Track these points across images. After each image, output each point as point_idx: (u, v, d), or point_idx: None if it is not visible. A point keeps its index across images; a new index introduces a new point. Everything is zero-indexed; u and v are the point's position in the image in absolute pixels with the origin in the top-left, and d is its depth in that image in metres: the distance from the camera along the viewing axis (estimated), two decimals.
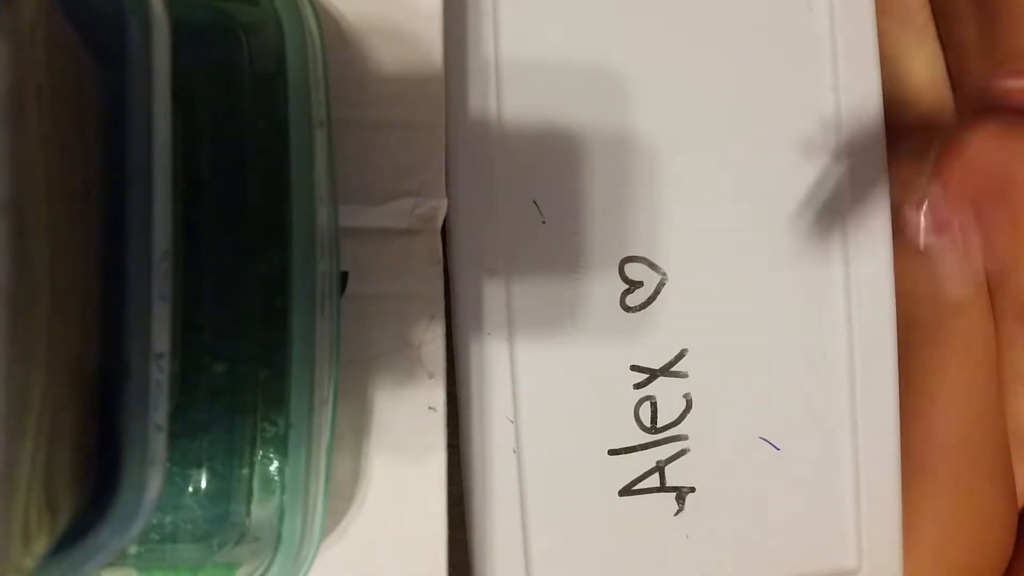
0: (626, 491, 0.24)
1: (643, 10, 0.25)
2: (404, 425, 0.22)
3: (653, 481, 0.25)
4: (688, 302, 0.25)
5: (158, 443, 0.13)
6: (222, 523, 0.20)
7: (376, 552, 0.22)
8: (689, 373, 0.25)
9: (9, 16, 0.11)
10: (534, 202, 0.24)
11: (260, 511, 0.20)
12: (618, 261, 0.25)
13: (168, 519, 0.20)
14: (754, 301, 0.25)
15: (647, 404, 0.25)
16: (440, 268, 0.23)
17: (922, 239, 0.20)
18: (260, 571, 0.19)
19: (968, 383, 0.28)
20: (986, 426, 0.28)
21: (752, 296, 0.25)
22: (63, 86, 0.13)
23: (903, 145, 0.29)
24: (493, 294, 0.24)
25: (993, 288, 0.29)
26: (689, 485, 0.25)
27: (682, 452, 0.25)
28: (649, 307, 0.25)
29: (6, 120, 0.11)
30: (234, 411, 0.20)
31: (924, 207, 0.20)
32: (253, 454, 0.20)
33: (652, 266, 0.25)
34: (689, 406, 0.25)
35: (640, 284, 0.25)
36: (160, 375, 0.13)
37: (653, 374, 0.25)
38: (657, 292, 0.25)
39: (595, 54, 0.25)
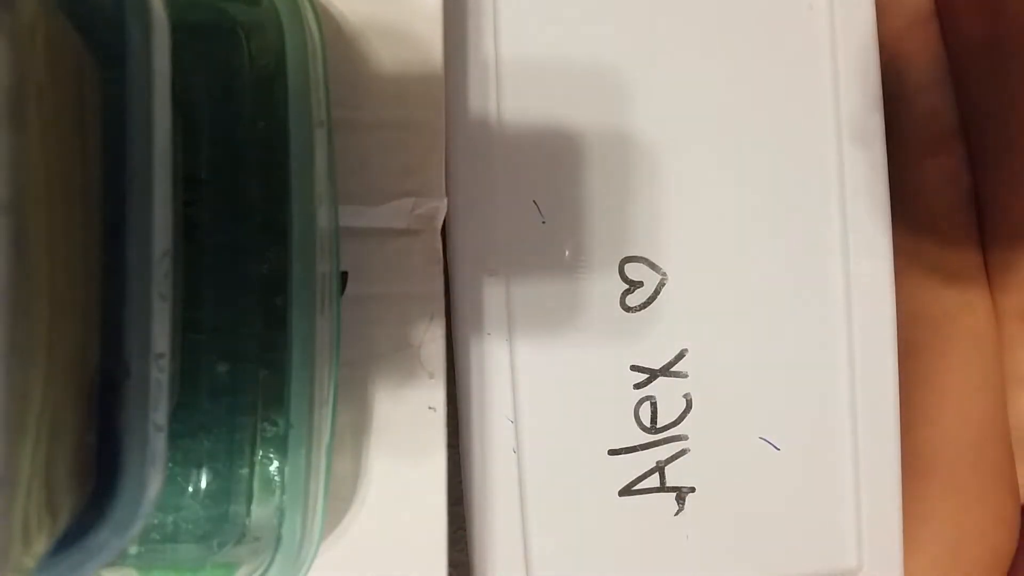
0: (626, 491, 0.24)
1: (643, 10, 0.25)
2: (404, 425, 0.22)
3: (653, 481, 0.25)
4: (688, 302, 0.25)
5: (158, 443, 0.13)
6: (222, 523, 0.20)
7: (376, 552, 0.22)
8: (689, 373, 0.25)
9: (9, 16, 0.11)
10: (534, 202, 0.24)
11: (260, 511, 0.20)
12: (618, 261, 0.25)
13: (169, 519, 0.20)
14: (754, 301, 0.25)
15: (647, 404, 0.25)
16: (440, 268, 0.23)
17: None
18: (260, 571, 0.19)
19: (978, 381, 0.28)
20: (995, 426, 0.28)
21: (752, 296, 0.25)
22: (63, 86, 0.13)
23: (903, 145, 0.29)
24: (493, 294, 0.24)
25: (995, 288, 0.29)
26: (689, 485, 0.25)
27: (682, 452, 0.25)
28: (649, 307, 0.25)
29: (6, 120, 0.11)
30: (234, 411, 0.20)
31: None
32: (253, 454, 0.20)
33: (652, 266, 0.25)
34: (689, 406, 0.25)
35: (640, 284, 0.25)
36: (160, 375, 0.13)
37: (653, 374, 0.25)
38: (657, 292, 0.25)
39: (595, 54, 0.25)
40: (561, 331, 0.24)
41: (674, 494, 0.25)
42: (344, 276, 0.22)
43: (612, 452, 0.24)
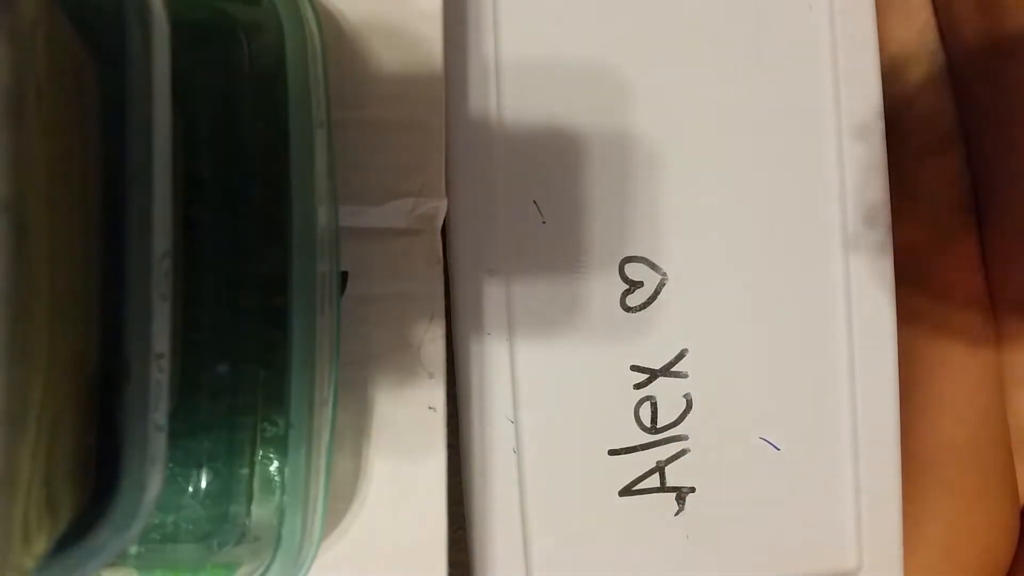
0: (626, 491, 0.24)
1: (643, 10, 0.25)
2: (404, 425, 0.22)
3: (653, 481, 0.25)
4: (688, 302, 0.25)
5: (158, 443, 0.13)
6: (222, 523, 0.20)
7: (376, 552, 0.22)
8: (689, 373, 0.25)
9: (9, 16, 0.11)
10: (534, 202, 0.24)
11: (260, 511, 0.20)
12: (618, 261, 0.25)
13: (169, 519, 0.20)
14: (754, 301, 0.25)
15: (647, 404, 0.25)
16: (440, 268, 0.23)
17: None
18: (260, 571, 0.19)
19: (974, 382, 0.28)
20: (992, 426, 0.28)
21: (752, 296, 0.25)
22: (63, 86, 0.13)
23: (903, 145, 0.29)
24: (493, 294, 0.24)
25: (994, 288, 0.29)
26: (689, 485, 0.25)
27: (682, 452, 0.25)
28: (649, 307, 0.25)
29: (6, 120, 0.11)
30: (234, 411, 0.20)
31: None
32: (253, 454, 0.20)
33: (652, 266, 0.25)
34: (689, 406, 0.25)
35: (640, 284, 0.25)
36: (160, 375, 0.13)
37: (653, 374, 0.25)
38: (657, 292, 0.25)
39: (595, 54, 0.25)
40: (561, 331, 0.24)
41: (674, 494, 0.25)
42: (344, 276, 0.22)
43: (612, 452, 0.24)
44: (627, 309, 0.25)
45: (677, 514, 0.25)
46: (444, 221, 0.23)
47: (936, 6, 0.30)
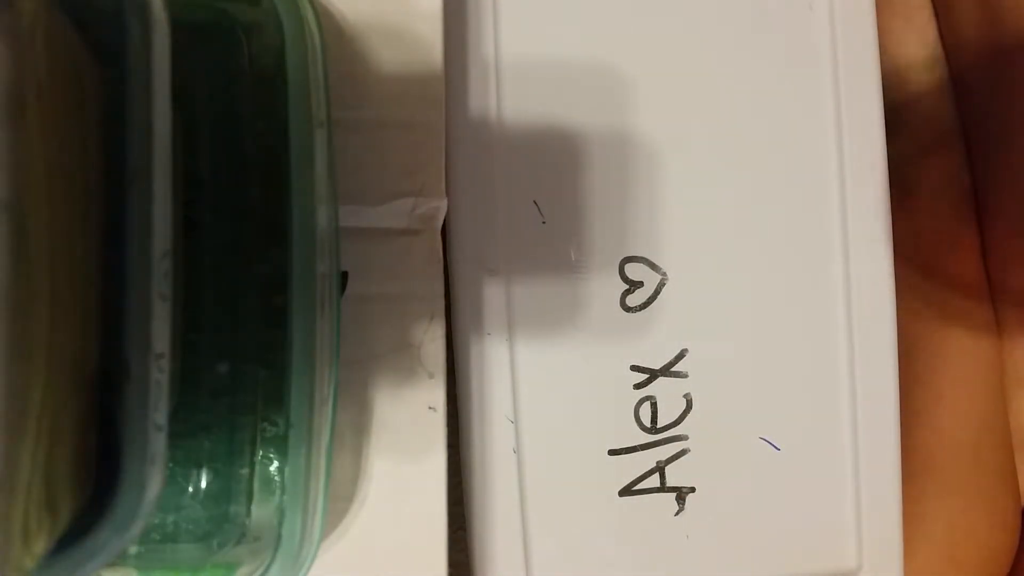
0: (626, 491, 0.24)
1: (643, 10, 0.25)
2: (404, 425, 0.22)
3: (653, 481, 0.25)
4: (688, 302, 0.25)
5: (158, 443, 0.13)
6: (222, 523, 0.20)
7: (376, 552, 0.22)
8: (689, 373, 0.25)
9: (9, 16, 0.11)
10: (534, 202, 0.24)
11: (260, 511, 0.20)
12: (618, 261, 0.25)
13: (169, 519, 0.20)
14: (754, 301, 0.25)
15: (647, 404, 0.24)
16: (440, 268, 0.23)
17: None
18: (260, 571, 0.19)
19: (975, 382, 0.28)
20: (993, 426, 0.28)
21: (752, 296, 0.25)
22: (63, 86, 0.13)
23: (903, 145, 0.29)
24: (493, 294, 0.24)
25: (994, 288, 0.29)
26: (689, 485, 0.25)
27: (682, 452, 0.25)
28: (649, 307, 0.25)
29: (6, 120, 0.11)
30: (234, 411, 0.20)
31: None
32: (253, 454, 0.20)
33: (652, 266, 0.25)
34: (689, 406, 0.25)
35: (640, 284, 0.25)
36: (160, 375, 0.13)
37: (653, 374, 0.25)
38: (657, 292, 0.25)
39: (595, 54, 0.25)
40: (561, 331, 0.24)
41: (674, 494, 0.25)
42: (344, 276, 0.22)
43: (612, 452, 0.24)
44: (627, 309, 0.25)
45: (677, 514, 0.25)
46: (444, 221, 0.23)
47: (935, 6, 0.30)
